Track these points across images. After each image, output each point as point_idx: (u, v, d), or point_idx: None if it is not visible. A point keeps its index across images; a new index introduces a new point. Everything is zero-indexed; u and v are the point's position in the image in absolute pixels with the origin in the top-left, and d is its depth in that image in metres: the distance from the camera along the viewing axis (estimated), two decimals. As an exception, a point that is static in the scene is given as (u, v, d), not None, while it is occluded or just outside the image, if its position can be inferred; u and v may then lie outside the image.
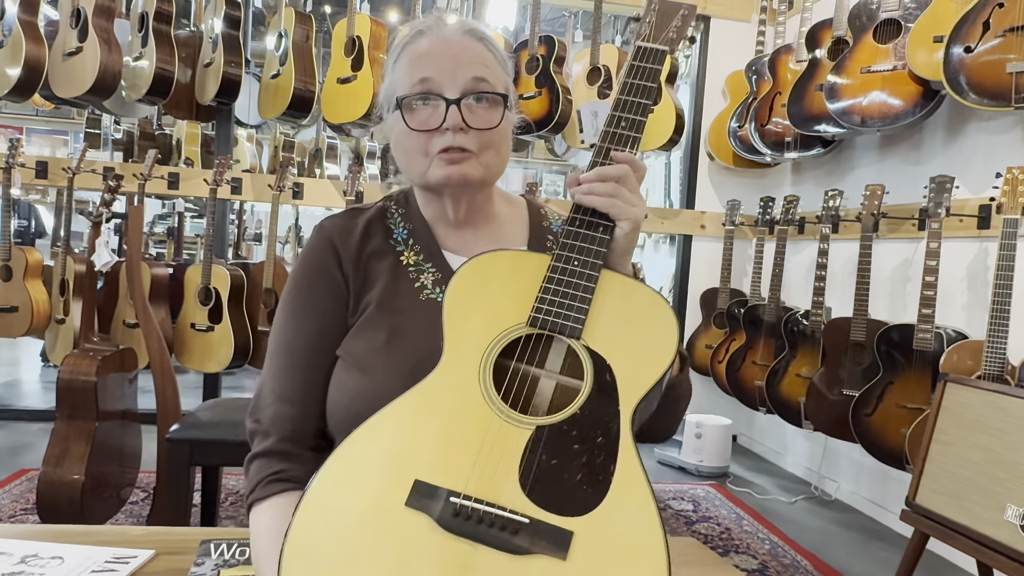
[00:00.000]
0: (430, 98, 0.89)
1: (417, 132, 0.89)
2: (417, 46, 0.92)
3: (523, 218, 1.04)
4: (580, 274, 0.81)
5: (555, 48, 3.46)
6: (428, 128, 0.88)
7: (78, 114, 6.93)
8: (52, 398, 4.03)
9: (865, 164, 3.07)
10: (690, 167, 3.90)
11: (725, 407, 3.64)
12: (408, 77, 0.90)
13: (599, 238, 0.83)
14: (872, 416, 2.43)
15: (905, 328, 2.34)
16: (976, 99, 2.15)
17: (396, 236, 0.98)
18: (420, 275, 0.95)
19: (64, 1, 3.34)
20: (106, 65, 3.21)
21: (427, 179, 0.91)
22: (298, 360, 0.92)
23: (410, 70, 0.90)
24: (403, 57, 0.93)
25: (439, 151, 0.89)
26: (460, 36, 0.92)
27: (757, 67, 3.38)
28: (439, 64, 0.89)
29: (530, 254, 0.86)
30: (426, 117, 0.89)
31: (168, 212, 6.11)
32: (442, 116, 0.87)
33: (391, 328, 0.90)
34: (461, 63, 0.89)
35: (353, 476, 0.74)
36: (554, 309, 0.80)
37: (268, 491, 0.87)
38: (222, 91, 3.36)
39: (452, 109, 0.87)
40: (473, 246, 0.98)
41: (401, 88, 0.91)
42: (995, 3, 2.12)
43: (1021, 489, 1.55)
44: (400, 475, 0.73)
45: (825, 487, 3.16)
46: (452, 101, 0.87)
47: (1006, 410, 1.65)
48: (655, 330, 0.80)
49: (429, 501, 0.71)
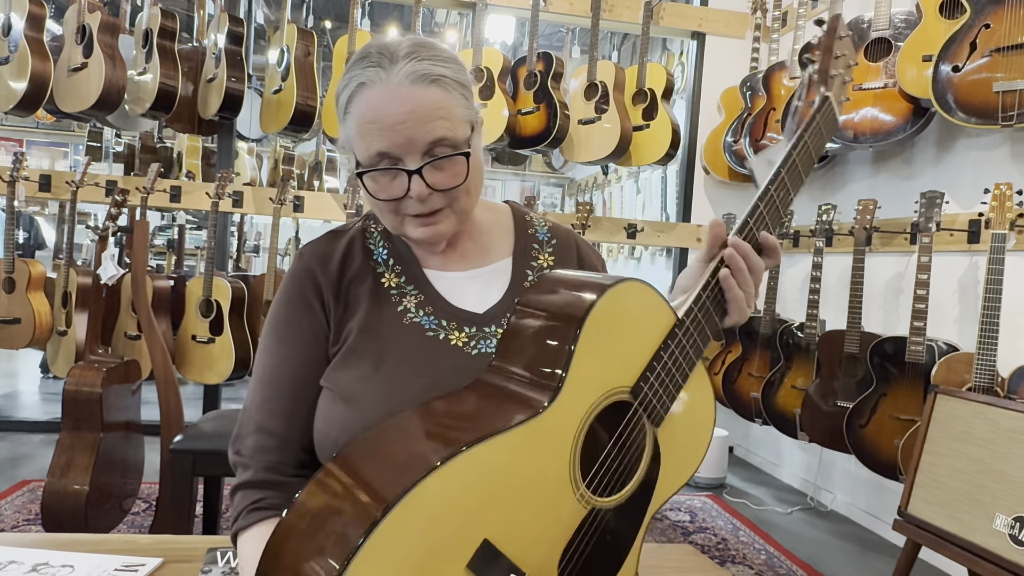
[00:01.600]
0: (389, 169, 0.83)
1: (380, 201, 0.86)
2: (362, 105, 0.83)
3: (508, 226, 1.01)
4: (687, 356, 0.79)
5: (553, 64, 3.52)
6: (393, 198, 0.84)
7: (78, 127, 6.98)
8: (52, 409, 4.05)
9: (858, 179, 3.11)
10: (686, 181, 3.95)
11: (721, 418, 3.67)
12: (362, 145, 0.83)
13: (713, 323, 0.83)
14: (866, 427, 2.46)
15: (898, 340, 2.38)
16: (964, 117, 2.20)
17: (376, 257, 0.95)
18: (403, 298, 0.91)
19: (69, 17, 3.39)
20: (110, 80, 3.26)
21: (404, 235, 0.90)
22: (281, 391, 0.91)
23: (363, 138, 0.83)
24: (351, 116, 0.84)
25: (410, 214, 0.86)
26: (410, 87, 0.81)
27: (751, 83, 3.44)
28: (393, 134, 0.81)
29: (664, 304, 0.78)
30: (388, 186, 0.84)
31: (168, 224, 6.14)
32: (405, 186, 0.83)
33: (376, 356, 0.86)
34: (416, 127, 0.81)
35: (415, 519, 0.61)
36: (656, 386, 0.76)
37: (250, 520, 0.87)
38: (225, 106, 3.40)
39: (415, 179, 0.82)
40: (456, 262, 0.95)
41: (359, 153, 0.85)
42: (982, 24, 2.17)
43: (1010, 498, 1.58)
44: (472, 529, 0.64)
45: (821, 498, 3.19)
46: (413, 172, 0.82)
47: (995, 421, 1.69)
48: (699, 433, 0.81)
49: (492, 567, 0.65)
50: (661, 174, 5.34)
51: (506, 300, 0.93)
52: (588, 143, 3.52)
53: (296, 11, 5.10)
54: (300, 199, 3.59)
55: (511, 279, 0.95)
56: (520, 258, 0.97)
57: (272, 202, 3.30)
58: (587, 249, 1.03)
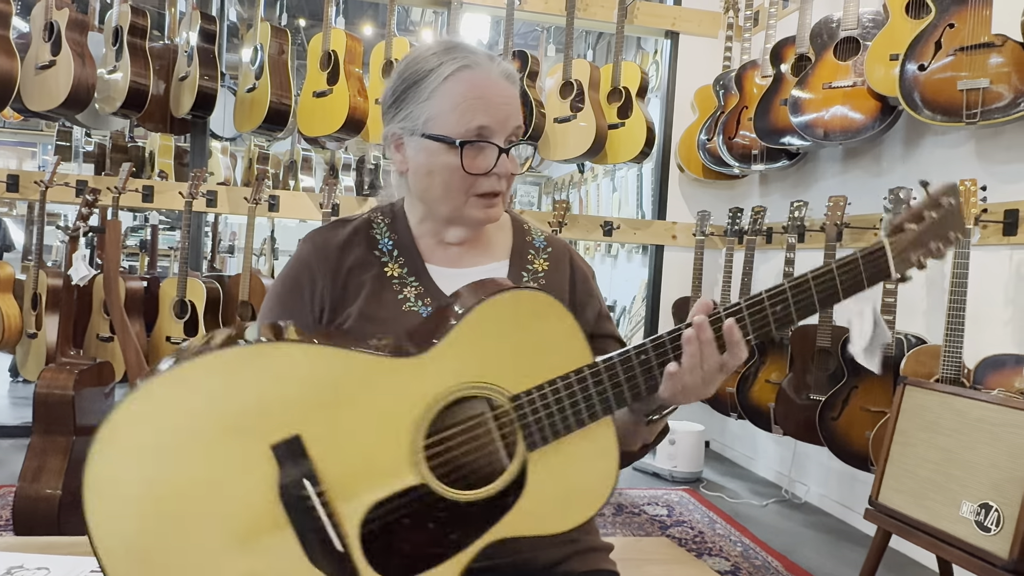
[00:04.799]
0: (482, 143, 0.92)
1: (467, 174, 0.92)
2: (465, 83, 0.92)
3: (507, 231, 1.07)
4: (590, 402, 0.77)
5: (528, 63, 3.53)
6: (480, 172, 0.92)
7: (47, 126, 6.84)
8: (22, 413, 3.97)
9: (829, 176, 3.17)
10: (661, 179, 3.98)
11: (698, 413, 3.71)
12: (462, 119, 0.91)
13: (637, 386, 0.79)
14: (838, 420, 2.51)
15: (868, 334, 2.43)
16: (930, 115, 2.25)
17: (381, 247, 1.00)
18: (404, 288, 0.97)
19: (37, 14, 3.33)
20: (80, 79, 3.20)
21: (461, 214, 0.95)
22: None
23: (464, 112, 0.91)
24: (447, 91, 0.92)
25: (480, 194, 0.93)
26: (505, 81, 0.94)
27: (724, 82, 3.48)
28: (494, 112, 0.92)
29: (582, 340, 0.78)
30: (475, 159, 0.92)
31: (141, 225, 6.05)
32: (492, 162, 0.92)
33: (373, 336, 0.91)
34: (510, 113, 0.93)
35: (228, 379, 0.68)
36: (540, 409, 0.76)
37: None
38: (197, 104, 3.37)
39: (503, 157, 0.92)
40: (458, 260, 1.01)
41: (450, 126, 0.91)
42: (946, 23, 2.22)
43: (975, 486, 1.63)
44: (290, 417, 0.70)
45: (795, 490, 3.24)
46: (503, 149, 0.93)
47: (961, 411, 1.73)
48: (579, 499, 0.77)
49: (291, 462, 0.70)
50: (637, 172, 5.38)
51: None
52: (564, 141, 3.54)
53: (270, 9, 5.06)
54: (275, 198, 3.57)
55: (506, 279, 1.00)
56: (516, 260, 1.03)
57: (247, 201, 3.28)
58: (579, 261, 1.08)
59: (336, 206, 3.35)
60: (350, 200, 3.73)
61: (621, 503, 3.01)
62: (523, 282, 1.01)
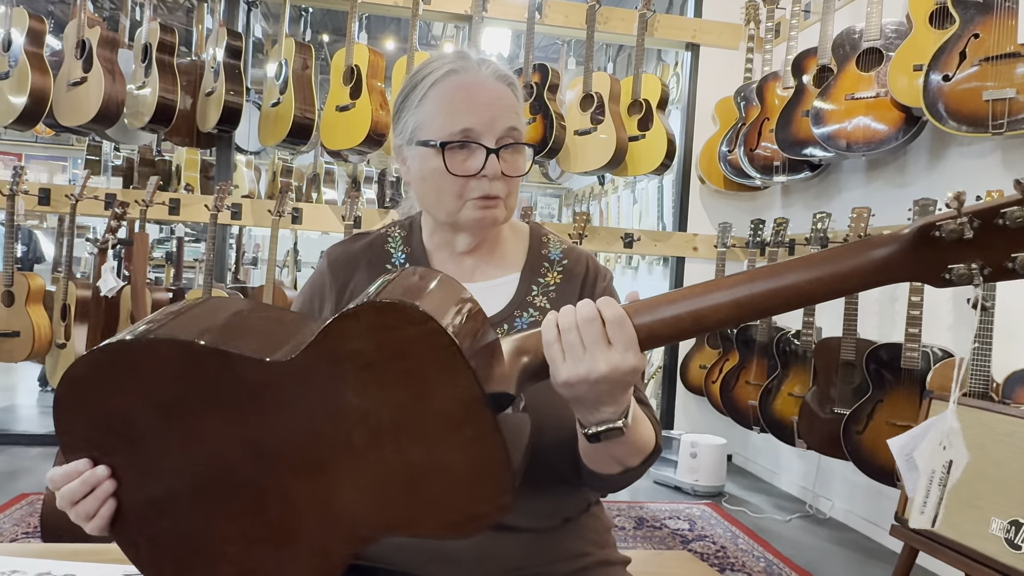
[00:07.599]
0: (469, 145, 0.91)
1: (455, 176, 0.91)
2: (450, 87, 0.92)
3: (523, 243, 1.05)
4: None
5: (549, 76, 3.55)
6: (467, 174, 0.91)
7: (77, 140, 7.00)
8: (50, 423, 4.03)
9: (852, 187, 3.14)
10: (682, 190, 3.97)
11: (719, 427, 3.68)
12: (446, 122, 0.91)
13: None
14: (863, 434, 2.47)
15: (893, 347, 2.39)
16: (955, 125, 2.23)
17: (394, 260, 1.01)
18: None
19: (69, 32, 3.42)
20: (110, 94, 3.28)
21: (457, 218, 0.94)
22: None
23: (448, 115, 0.91)
24: (434, 96, 0.93)
25: (474, 197, 0.92)
26: (494, 81, 0.93)
27: (745, 93, 3.47)
28: (478, 113, 0.91)
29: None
30: (464, 162, 0.92)
31: (167, 237, 6.15)
32: (481, 163, 0.91)
33: None
34: (498, 112, 0.92)
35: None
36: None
37: None
38: (223, 119, 3.43)
39: (491, 158, 0.91)
40: (470, 274, 1.00)
41: (435, 130, 0.92)
42: (971, 33, 2.20)
43: (1005, 502, 1.60)
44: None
45: (819, 505, 3.19)
46: (492, 150, 0.91)
47: (989, 426, 1.70)
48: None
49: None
50: (657, 184, 5.37)
51: (505, 311, 0.98)
52: (584, 153, 3.55)
53: (294, 25, 5.14)
54: (298, 211, 3.61)
55: (515, 293, 1.00)
56: (528, 274, 1.02)
57: (270, 214, 3.32)
58: (595, 267, 1.04)
59: (358, 218, 3.38)
60: (372, 212, 3.77)
61: (642, 516, 2.99)
62: (531, 296, 0.99)
